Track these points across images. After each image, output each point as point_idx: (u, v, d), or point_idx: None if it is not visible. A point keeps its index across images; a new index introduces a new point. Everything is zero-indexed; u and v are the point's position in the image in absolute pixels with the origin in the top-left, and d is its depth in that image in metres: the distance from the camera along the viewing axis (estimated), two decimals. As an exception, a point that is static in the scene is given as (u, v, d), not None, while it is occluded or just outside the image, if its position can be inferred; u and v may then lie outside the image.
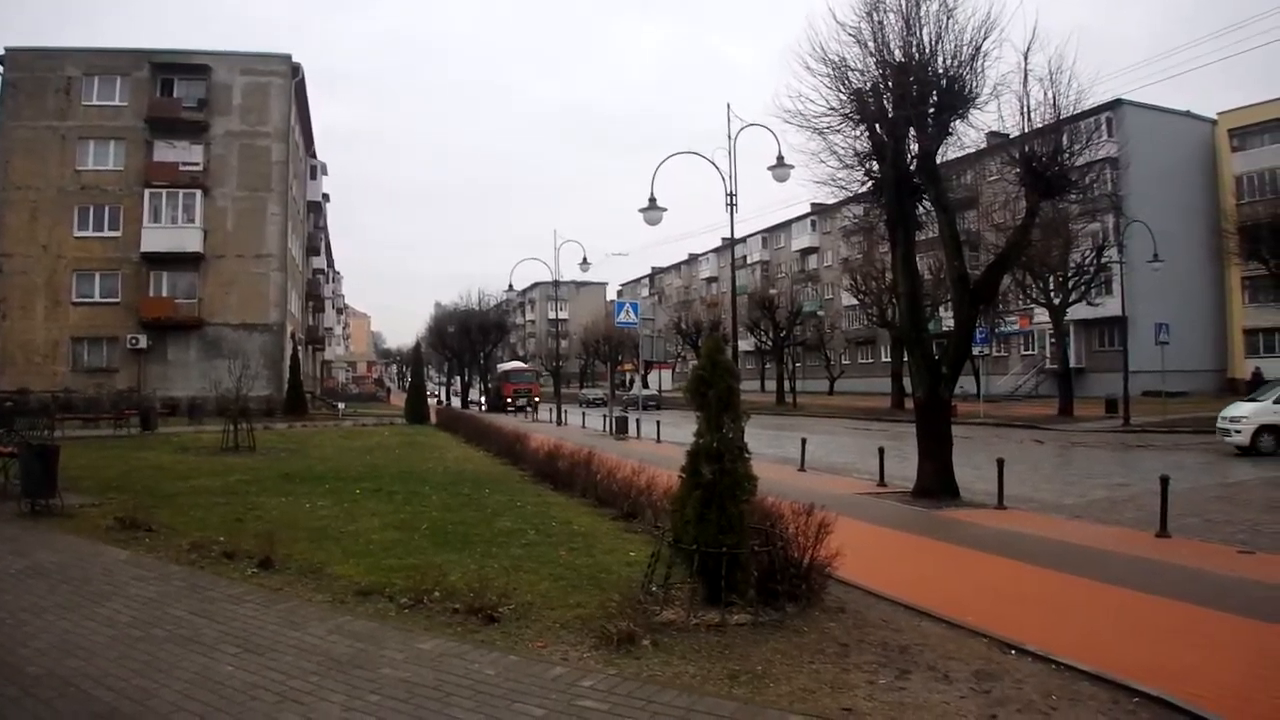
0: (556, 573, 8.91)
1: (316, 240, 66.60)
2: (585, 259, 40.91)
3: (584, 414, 46.13)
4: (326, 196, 69.19)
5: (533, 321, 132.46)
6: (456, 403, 71.48)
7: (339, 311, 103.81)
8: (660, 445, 27.35)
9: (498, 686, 5.84)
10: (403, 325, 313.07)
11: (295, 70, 46.84)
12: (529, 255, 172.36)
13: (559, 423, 43.37)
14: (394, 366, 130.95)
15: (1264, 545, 11.61)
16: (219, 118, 45.05)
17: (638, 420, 35.26)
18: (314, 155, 61.62)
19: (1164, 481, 12.20)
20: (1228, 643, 7.23)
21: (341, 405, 51.41)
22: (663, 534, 7.80)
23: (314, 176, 61.25)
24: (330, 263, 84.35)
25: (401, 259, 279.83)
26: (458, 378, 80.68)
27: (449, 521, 12.08)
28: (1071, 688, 6.06)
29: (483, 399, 74.05)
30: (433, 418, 41.56)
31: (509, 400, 61.62)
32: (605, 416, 38.82)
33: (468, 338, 70.08)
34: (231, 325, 44.01)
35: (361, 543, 10.53)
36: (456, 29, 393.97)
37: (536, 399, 61.69)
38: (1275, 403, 23.48)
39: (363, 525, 11.75)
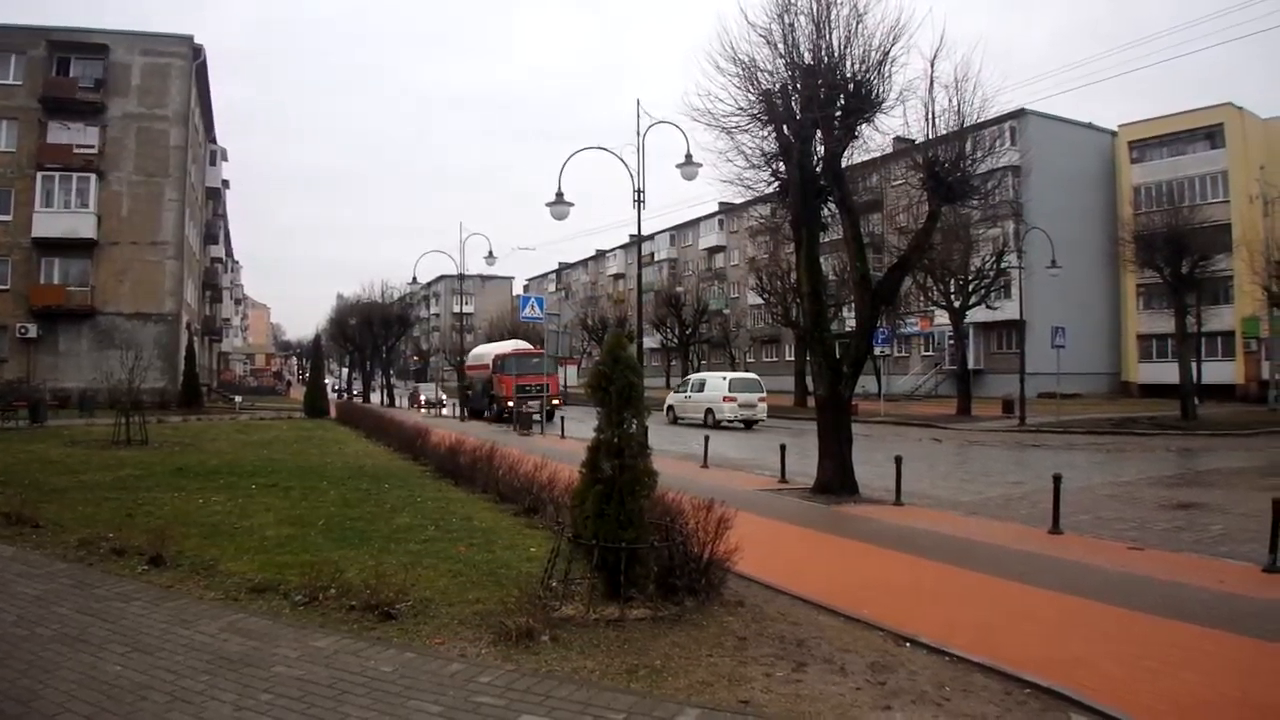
0: (455, 569, 8.82)
1: (215, 228, 64.98)
2: (491, 252, 40.94)
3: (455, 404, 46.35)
4: (226, 183, 67.64)
5: (437, 315, 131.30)
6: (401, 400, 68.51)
7: (237, 302, 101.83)
8: (564, 441, 27.30)
9: (394, 684, 5.77)
10: (303, 317, 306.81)
11: (197, 52, 45.52)
12: (434, 247, 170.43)
13: (462, 418, 43.12)
14: (294, 359, 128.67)
15: (1153, 542, 11.98)
16: (116, 99, 43.54)
17: (542, 416, 35.12)
18: (214, 140, 60.07)
19: (1056, 480, 12.56)
20: (1116, 635, 7.42)
21: (238, 398, 50.50)
22: (562, 529, 7.76)
23: (213, 162, 59.56)
24: (229, 251, 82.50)
25: (302, 248, 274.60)
26: (360, 371, 78.24)
27: (346, 517, 11.90)
28: (965, 679, 6.20)
29: (421, 401, 58.36)
30: (332, 412, 40.91)
31: (509, 406, 37.88)
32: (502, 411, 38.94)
33: (370, 330, 67.88)
34: (125, 315, 42.67)
35: (256, 539, 10.31)
36: (355, 9, 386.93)
37: (557, 402, 39.70)
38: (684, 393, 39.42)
39: (257, 521, 11.50)
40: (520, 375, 39.30)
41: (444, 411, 51.96)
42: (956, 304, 43.09)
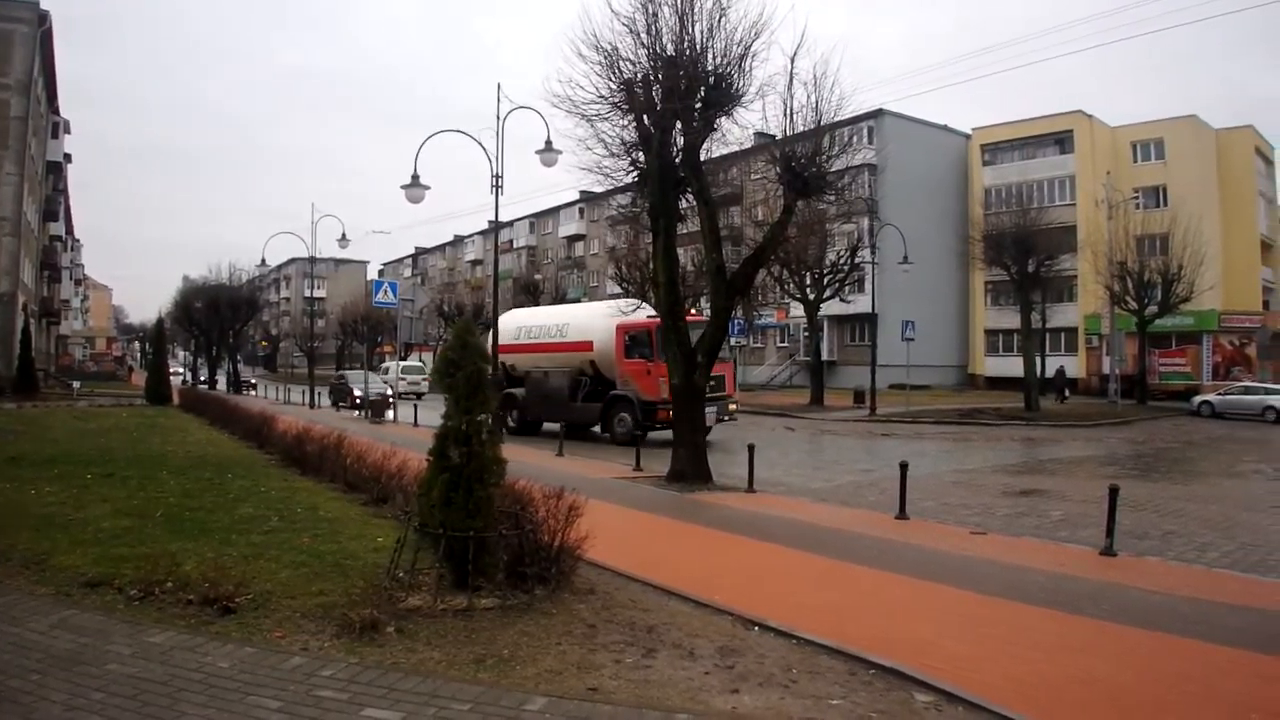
0: (299, 560, 8.57)
1: (55, 204, 61.77)
2: (344, 235, 39.59)
3: (322, 395, 45.04)
4: (68, 157, 64.36)
5: (288, 299, 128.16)
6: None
7: (78, 283, 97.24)
8: (417, 429, 26.90)
9: (232, 679, 5.58)
10: (148, 299, 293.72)
11: (43, 18, 42.89)
12: (284, 229, 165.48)
13: (312, 405, 42.12)
14: (136, 344, 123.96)
15: (995, 527, 12.47)
16: (-48, 66, 41.01)
17: (395, 403, 34.59)
18: (57, 112, 57.22)
19: (903, 467, 12.92)
20: (959, 617, 7.69)
21: (77, 384, 48.22)
22: (409, 519, 7.61)
23: (55, 135, 56.51)
24: (70, 229, 78.67)
25: (148, 228, 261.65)
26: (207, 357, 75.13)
27: (186, 508, 11.43)
28: (812, 661, 6.31)
29: (355, 397, 40.88)
30: (176, 398, 39.53)
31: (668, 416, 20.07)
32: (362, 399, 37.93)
33: (217, 314, 65.28)
34: (-45, 295, 40.43)
35: (90, 531, 9.82)
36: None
37: (734, 405, 27.49)
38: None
39: (92, 512, 10.96)
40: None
41: (389, 416, 34.71)
42: (811, 297, 43.93)
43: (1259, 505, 15.29)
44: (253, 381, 59.71)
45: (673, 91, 14.80)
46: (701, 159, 15.80)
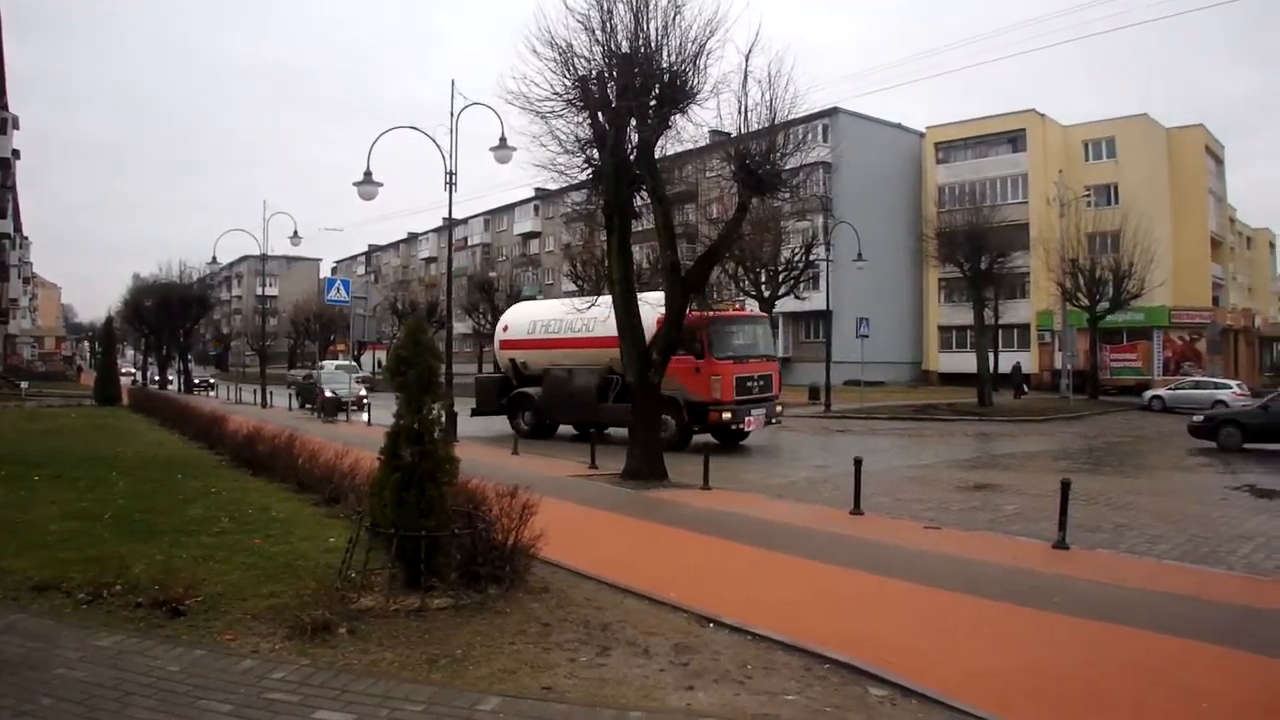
0: (250, 561, 8.49)
1: (4, 201, 60.76)
2: (296, 232, 39.39)
3: (291, 395, 44.39)
4: (16, 153, 63.39)
5: (239, 298, 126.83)
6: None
7: (26, 281, 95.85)
8: (370, 428, 26.67)
9: (182, 683, 5.50)
10: (98, 298, 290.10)
11: (-12, 13, 42.50)
12: (236, 226, 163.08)
13: (264, 405, 41.69)
14: (86, 343, 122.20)
15: (949, 521, 12.57)
16: (-109, 62, 40.25)
17: (348, 402, 34.26)
18: (5, 107, 56.35)
19: (857, 463, 12.98)
20: (914, 611, 7.75)
21: (24, 384, 47.59)
22: (362, 518, 7.55)
23: (4, 130, 55.83)
24: (18, 227, 77.47)
25: (97, 225, 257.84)
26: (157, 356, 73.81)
27: (136, 509, 11.29)
28: (767, 657, 6.31)
29: (325, 396, 36.02)
30: (126, 398, 39.04)
31: (725, 418, 22.25)
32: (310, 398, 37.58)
33: (167, 313, 64.20)
34: (-101, 295, 39.71)
35: (38, 533, 9.68)
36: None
37: (780, 407, 25.38)
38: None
39: (40, 514, 10.80)
40: (741, 362, 23.01)
41: (341, 415, 33.41)
42: (766, 294, 44.07)
43: (1209, 498, 15.51)
44: (211, 381, 58.70)
45: (627, 89, 14.80)
46: (656, 156, 15.82)
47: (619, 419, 22.14)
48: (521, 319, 27.59)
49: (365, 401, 34.47)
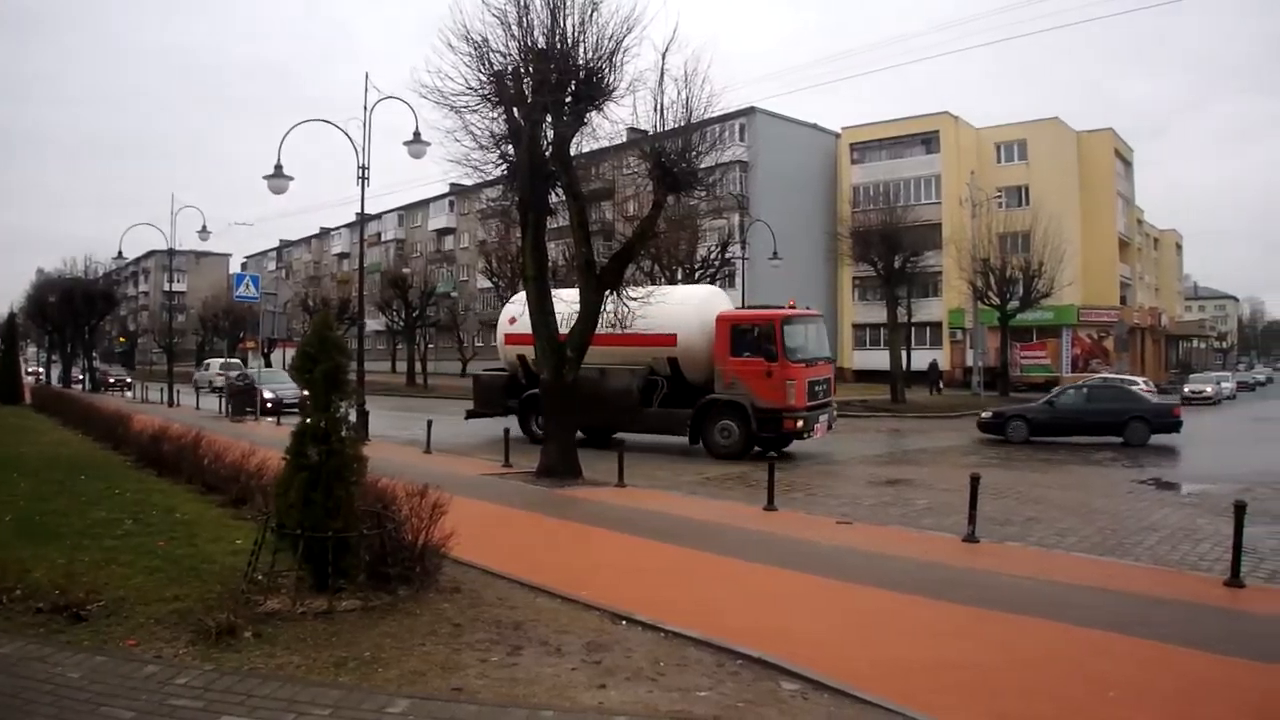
0: (154, 565, 8.31)
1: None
2: (205, 227, 38.26)
3: (198, 393, 43.52)
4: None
5: (146, 294, 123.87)
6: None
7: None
8: (280, 427, 26.18)
9: (83, 690, 5.38)
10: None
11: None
12: (143, 220, 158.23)
13: (171, 404, 40.79)
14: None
15: (862, 516, 12.78)
16: None
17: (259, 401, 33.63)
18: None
19: (770, 459, 13.05)
20: (826, 605, 7.89)
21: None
22: (267, 519, 7.39)
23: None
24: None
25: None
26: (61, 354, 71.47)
27: (37, 512, 11.00)
28: (680, 654, 6.35)
29: (266, 399, 32.00)
30: (28, 397, 37.98)
31: (798, 425, 20.53)
32: (222, 397, 36.65)
33: (71, 309, 62.30)
34: None
35: (-66, 538, 9.39)
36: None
37: (836, 411, 23.83)
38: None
39: (-65, 518, 10.50)
40: (811, 365, 21.59)
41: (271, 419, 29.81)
42: (682, 292, 44.07)
43: (1115, 491, 15.94)
44: (127, 379, 56.78)
45: (543, 84, 14.74)
46: (572, 153, 15.76)
47: (668, 426, 21.70)
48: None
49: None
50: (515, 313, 23.81)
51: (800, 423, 20.33)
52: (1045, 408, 25.24)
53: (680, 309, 21.77)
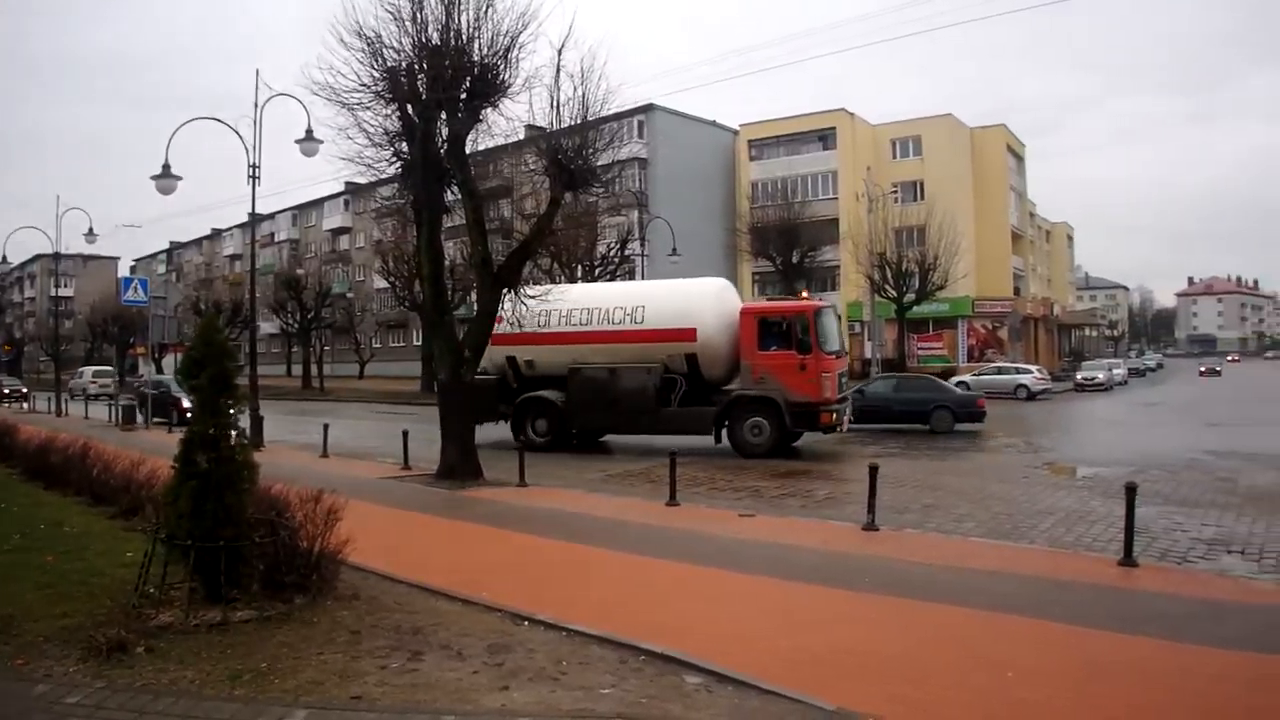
0: (42, 580, 8.05)
1: None
2: (92, 229, 37.21)
3: (136, 408, 42.26)
4: None
5: (32, 299, 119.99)
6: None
7: None
8: (172, 434, 25.49)
9: (-29, 712, 5.20)
10: None
11: None
12: (27, 223, 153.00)
13: (59, 413, 39.51)
14: None
15: (763, 508, 12.95)
16: None
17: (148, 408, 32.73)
18: None
19: (672, 455, 13.12)
20: (730, 598, 7.93)
21: None
22: (156, 530, 7.19)
23: None
24: None
25: None
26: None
27: (-84, 530, 10.57)
28: (582, 652, 6.34)
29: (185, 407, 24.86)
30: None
31: (832, 416, 20.50)
32: (111, 405, 35.56)
33: (-48, 317, 60.17)
34: None
35: None
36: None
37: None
38: None
39: None
40: (838, 356, 21.90)
41: (139, 421, 30.42)
42: (581, 289, 44.12)
43: (1011, 477, 16.35)
44: (23, 389, 54.12)
45: (437, 81, 14.62)
46: (468, 151, 15.66)
47: (687, 424, 20.78)
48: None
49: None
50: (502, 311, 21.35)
51: (834, 415, 20.16)
52: (856, 395, 24.92)
53: (702, 302, 21.02)
